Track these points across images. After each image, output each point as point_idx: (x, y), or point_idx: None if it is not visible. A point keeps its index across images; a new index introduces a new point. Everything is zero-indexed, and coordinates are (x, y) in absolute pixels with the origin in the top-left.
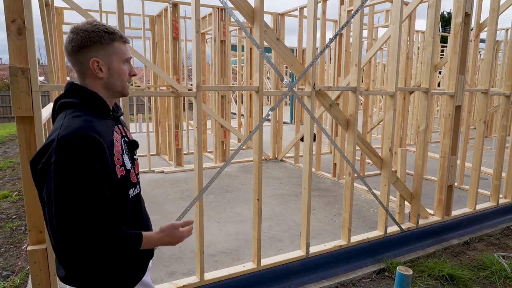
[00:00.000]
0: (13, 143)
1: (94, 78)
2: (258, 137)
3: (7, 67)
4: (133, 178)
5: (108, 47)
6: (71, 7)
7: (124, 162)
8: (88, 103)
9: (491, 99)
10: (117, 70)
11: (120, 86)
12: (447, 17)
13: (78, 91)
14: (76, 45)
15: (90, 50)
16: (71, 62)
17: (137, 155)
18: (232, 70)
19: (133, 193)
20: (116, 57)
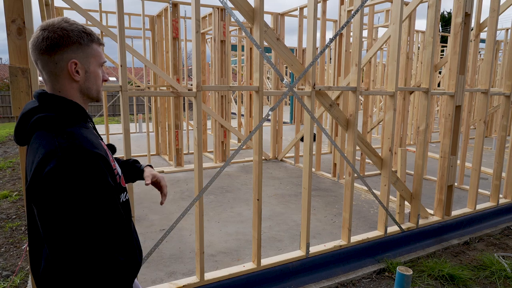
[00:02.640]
0: (13, 143)
1: (69, 81)
2: (258, 137)
3: (7, 67)
4: (123, 183)
5: (86, 49)
6: (71, 7)
7: (117, 169)
8: (70, 115)
9: (491, 99)
10: (94, 74)
11: (96, 90)
12: (447, 17)
13: (56, 102)
14: (52, 44)
15: (68, 51)
16: (42, 63)
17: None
18: (232, 70)
19: (124, 198)
20: (93, 60)
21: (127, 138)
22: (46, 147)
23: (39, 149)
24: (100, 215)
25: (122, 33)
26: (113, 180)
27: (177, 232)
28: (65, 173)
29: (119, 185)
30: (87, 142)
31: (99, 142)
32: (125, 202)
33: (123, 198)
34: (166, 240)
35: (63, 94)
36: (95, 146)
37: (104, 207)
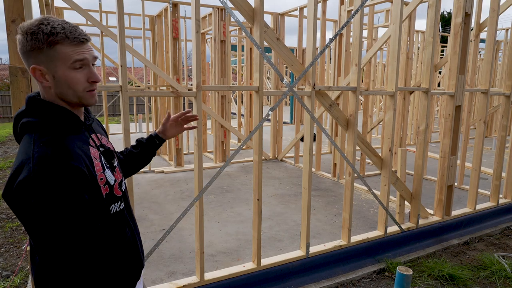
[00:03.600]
0: (13, 143)
1: (45, 88)
2: (258, 137)
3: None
4: (117, 192)
5: (49, 52)
6: (71, 7)
7: (107, 179)
8: (54, 122)
9: (491, 99)
10: (64, 78)
11: (73, 95)
12: (447, 17)
13: (40, 107)
14: (19, 50)
15: (30, 56)
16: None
17: (116, 162)
18: (232, 70)
19: (117, 208)
20: (59, 63)
21: (127, 138)
22: (23, 154)
23: (18, 156)
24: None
25: (122, 33)
26: (94, 191)
27: (177, 232)
28: (33, 185)
29: (109, 195)
30: (62, 152)
31: (81, 151)
32: (118, 212)
33: (116, 208)
34: (166, 240)
35: (49, 99)
36: (72, 157)
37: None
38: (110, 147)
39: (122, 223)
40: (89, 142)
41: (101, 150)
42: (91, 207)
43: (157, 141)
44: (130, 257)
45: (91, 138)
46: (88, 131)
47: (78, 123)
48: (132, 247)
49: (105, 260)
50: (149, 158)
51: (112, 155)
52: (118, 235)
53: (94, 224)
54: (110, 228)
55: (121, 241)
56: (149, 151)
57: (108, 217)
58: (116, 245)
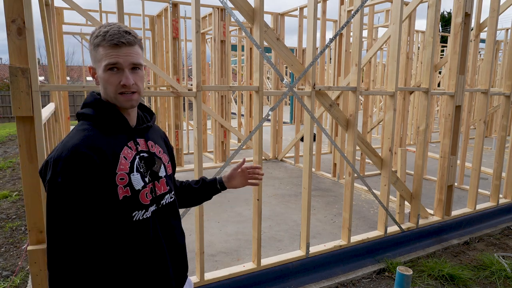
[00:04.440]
0: (13, 143)
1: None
2: (258, 137)
3: (7, 67)
4: (143, 200)
5: (94, 53)
6: (71, 7)
7: (131, 181)
8: (99, 116)
9: (491, 99)
10: (102, 78)
11: (110, 96)
12: (447, 17)
13: (94, 102)
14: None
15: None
16: None
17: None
18: (232, 70)
19: (141, 216)
20: (99, 64)
21: None
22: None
23: None
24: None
25: None
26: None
27: None
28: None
29: (129, 199)
30: (84, 143)
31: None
32: (142, 221)
33: (139, 216)
34: None
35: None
36: (91, 147)
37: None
38: (163, 157)
39: (145, 234)
40: (127, 143)
41: (141, 155)
42: (97, 200)
43: (219, 187)
44: (149, 272)
45: (134, 140)
46: (134, 134)
47: (121, 122)
48: (154, 263)
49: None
50: (202, 200)
51: (153, 162)
52: (138, 244)
53: (98, 220)
54: (127, 235)
55: (139, 251)
56: (206, 193)
57: (128, 222)
58: (132, 254)
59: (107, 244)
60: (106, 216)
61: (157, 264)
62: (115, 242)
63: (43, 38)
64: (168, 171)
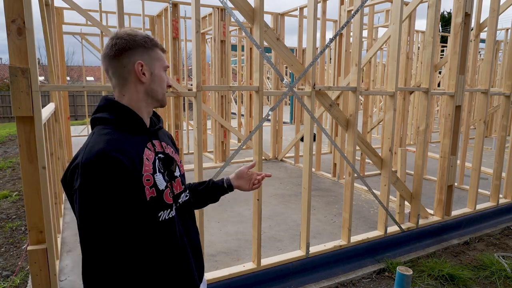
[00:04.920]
0: (13, 143)
1: (136, 84)
2: (258, 137)
3: (7, 67)
4: (167, 199)
5: (151, 52)
6: (71, 7)
7: (155, 182)
8: (119, 119)
9: (491, 99)
10: (159, 76)
11: (161, 93)
12: (447, 17)
13: (110, 106)
14: (120, 49)
15: (134, 53)
16: (113, 68)
17: (180, 172)
18: (232, 70)
19: (167, 216)
20: (158, 63)
21: None
22: (86, 141)
23: (85, 141)
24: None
25: None
26: (136, 189)
27: None
28: (79, 171)
29: (156, 199)
30: (110, 144)
31: (132, 150)
32: (167, 221)
33: (165, 216)
34: None
35: (128, 97)
36: (119, 151)
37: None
38: (175, 157)
39: (171, 233)
40: (146, 145)
41: (159, 156)
42: (128, 203)
43: (226, 186)
44: (177, 271)
45: (151, 142)
46: (151, 136)
47: (140, 124)
48: (181, 261)
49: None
50: (208, 202)
51: (171, 162)
52: (165, 244)
53: (129, 222)
54: (155, 235)
55: (167, 251)
56: (212, 194)
57: (155, 223)
58: (160, 255)
59: (138, 246)
60: (136, 217)
61: (183, 263)
62: (144, 243)
63: (43, 38)
64: (181, 171)
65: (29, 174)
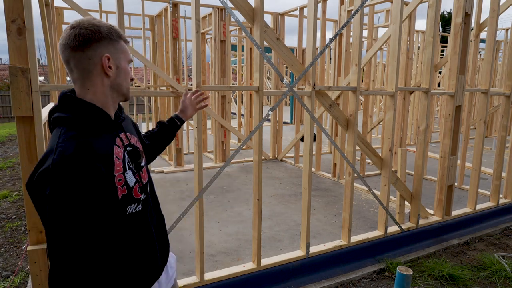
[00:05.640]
0: (13, 143)
1: (101, 78)
2: (258, 137)
3: (7, 67)
4: (136, 195)
5: (116, 44)
6: (71, 7)
7: (126, 180)
8: (82, 119)
9: (491, 99)
10: (125, 70)
11: (125, 87)
12: (447, 17)
13: (72, 104)
14: (84, 40)
15: (100, 46)
16: (75, 60)
17: (144, 162)
18: (232, 70)
19: (133, 210)
20: (123, 56)
21: None
22: (49, 147)
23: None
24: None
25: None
26: (109, 191)
27: (177, 232)
28: (50, 177)
29: (126, 196)
30: (82, 149)
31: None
32: (134, 214)
33: (132, 210)
34: None
35: (93, 92)
36: (91, 155)
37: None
38: (139, 147)
39: (138, 225)
40: (115, 142)
41: (128, 149)
42: (102, 206)
43: (178, 122)
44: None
45: (119, 137)
46: (117, 130)
47: (107, 121)
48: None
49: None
50: (170, 139)
51: (138, 155)
52: (132, 235)
53: (102, 223)
54: (123, 228)
55: (134, 241)
56: (169, 131)
57: (123, 217)
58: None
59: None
60: (107, 215)
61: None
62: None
63: (43, 38)
64: (144, 159)
65: (29, 174)
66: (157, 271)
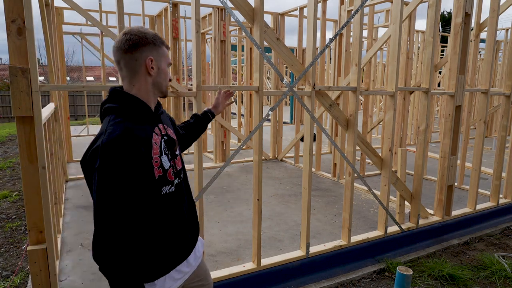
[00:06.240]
0: (13, 143)
1: (145, 76)
2: (258, 137)
3: (7, 67)
4: (169, 177)
5: (159, 49)
6: (71, 7)
7: (162, 163)
8: (128, 109)
9: (491, 99)
10: (164, 71)
11: (165, 85)
12: (447, 17)
13: (120, 97)
14: (133, 44)
15: (145, 50)
16: (124, 60)
17: (178, 151)
18: (232, 70)
19: (167, 191)
20: (164, 59)
21: None
22: (101, 130)
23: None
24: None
25: None
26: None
27: None
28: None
29: (162, 178)
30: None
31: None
32: (168, 194)
33: (166, 190)
34: None
35: (137, 87)
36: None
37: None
38: (174, 138)
39: (171, 205)
40: (154, 130)
41: (164, 138)
42: (140, 181)
43: (210, 116)
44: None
45: (157, 127)
46: (156, 121)
47: (148, 112)
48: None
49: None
50: (202, 130)
51: (173, 144)
52: (166, 213)
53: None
54: (158, 206)
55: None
56: (203, 123)
57: (159, 196)
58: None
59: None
60: (144, 192)
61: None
62: (148, 213)
63: (43, 38)
64: (179, 149)
65: (29, 174)
66: (187, 250)
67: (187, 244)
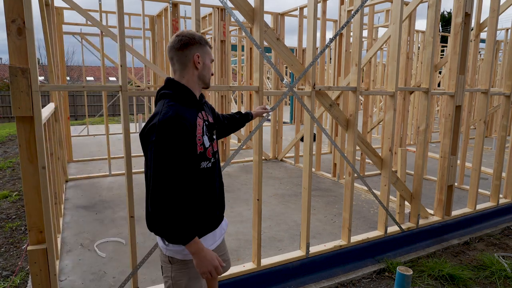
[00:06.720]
0: (13, 143)
1: (193, 69)
2: (258, 137)
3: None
4: (208, 154)
5: (204, 48)
6: (71, 7)
7: (203, 141)
8: (179, 95)
9: (491, 99)
10: (208, 66)
11: (208, 78)
12: (447, 17)
13: (173, 85)
14: (184, 43)
15: (193, 48)
16: (177, 57)
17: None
18: (232, 70)
19: (205, 165)
20: (207, 56)
21: (127, 138)
22: (156, 110)
23: (154, 111)
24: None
25: (122, 33)
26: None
27: None
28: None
29: (202, 153)
30: (178, 113)
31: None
32: (205, 169)
33: (204, 165)
34: None
35: (186, 79)
36: (183, 117)
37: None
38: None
39: (207, 178)
40: (197, 114)
41: (206, 123)
42: (186, 153)
43: (250, 116)
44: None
45: (200, 112)
46: (200, 108)
47: (194, 99)
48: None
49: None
50: (242, 125)
51: (213, 128)
52: (203, 185)
53: (185, 167)
54: (197, 178)
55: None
56: (243, 120)
57: (198, 169)
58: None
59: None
60: (188, 163)
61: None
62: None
63: (43, 38)
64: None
65: (29, 174)
66: (217, 222)
67: (216, 216)
